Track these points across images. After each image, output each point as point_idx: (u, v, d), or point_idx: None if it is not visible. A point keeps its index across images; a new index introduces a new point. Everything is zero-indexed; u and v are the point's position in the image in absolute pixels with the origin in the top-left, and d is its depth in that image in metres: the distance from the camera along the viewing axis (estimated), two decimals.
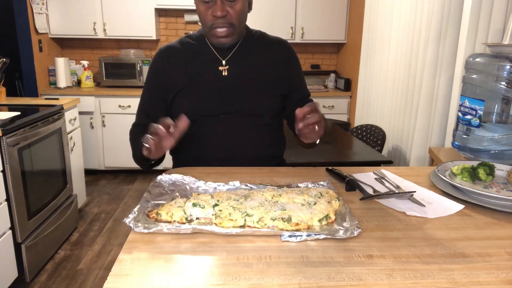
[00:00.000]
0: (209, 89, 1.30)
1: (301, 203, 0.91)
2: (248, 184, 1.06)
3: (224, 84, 1.30)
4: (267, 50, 1.38)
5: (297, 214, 0.85)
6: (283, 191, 0.98)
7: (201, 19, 1.24)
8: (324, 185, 1.07)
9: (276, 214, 0.85)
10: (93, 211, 3.29)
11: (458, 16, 2.19)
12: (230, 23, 1.22)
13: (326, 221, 0.86)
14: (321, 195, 0.95)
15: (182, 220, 0.85)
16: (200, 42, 1.34)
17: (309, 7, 4.12)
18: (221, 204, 0.89)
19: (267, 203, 0.90)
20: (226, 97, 1.30)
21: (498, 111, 1.40)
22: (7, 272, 2.13)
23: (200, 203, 0.88)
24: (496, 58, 1.39)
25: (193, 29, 4.40)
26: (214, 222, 0.84)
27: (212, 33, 1.24)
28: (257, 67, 1.34)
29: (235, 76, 1.31)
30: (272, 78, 1.35)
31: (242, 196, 0.94)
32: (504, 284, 0.67)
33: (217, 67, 1.31)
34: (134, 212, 0.86)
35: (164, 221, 0.85)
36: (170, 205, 0.89)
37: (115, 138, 3.96)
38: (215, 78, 1.31)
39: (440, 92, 2.34)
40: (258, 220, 0.84)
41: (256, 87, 1.33)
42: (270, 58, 1.37)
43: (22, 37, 3.64)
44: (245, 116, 1.32)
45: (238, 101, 1.31)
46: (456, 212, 0.95)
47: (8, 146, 2.09)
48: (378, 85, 3.32)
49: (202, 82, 1.30)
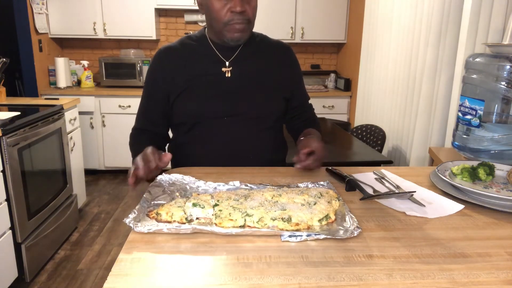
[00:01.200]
0: (212, 90, 1.29)
1: (301, 203, 0.91)
2: (248, 184, 1.06)
3: (227, 86, 1.29)
4: (269, 53, 1.37)
5: (297, 214, 0.85)
6: (283, 191, 0.98)
7: (214, 15, 1.21)
8: (324, 185, 1.07)
9: (276, 214, 0.85)
10: (93, 211, 3.29)
11: (458, 16, 2.19)
12: (247, 19, 1.21)
13: (326, 221, 0.86)
14: (321, 195, 0.95)
15: (182, 220, 0.85)
16: (202, 43, 1.32)
17: (309, 7, 4.12)
18: (221, 204, 0.89)
19: (267, 203, 0.90)
20: (230, 99, 1.29)
21: (498, 111, 1.40)
22: (7, 272, 2.13)
23: (200, 203, 0.88)
24: (496, 58, 1.39)
25: (193, 29, 4.40)
26: (214, 222, 0.84)
27: (229, 28, 1.21)
28: (261, 69, 1.33)
29: (239, 78, 1.30)
30: (275, 80, 1.34)
31: (242, 196, 0.94)
32: (504, 284, 0.67)
33: (220, 68, 1.30)
34: (134, 212, 0.86)
35: (164, 221, 0.85)
36: (170, 205, 0.89)
37: (115, 138, 3.96)
38: (218, 79, 1.29)
39: (440, 92, 2.34)
40: (258, 220, 0.84)
41: (260, 89, 1.31)
42: (273, 61, 1.36)
43: (22, 37, 3.64)
44: (249, 118, 1.30)
45: (242, 104, 1.29)
46: (456, 212, 0.95)
47: (8, 146, 2.09)
48: (378, 85, 3.32)
49: (205, 83, 1.29)
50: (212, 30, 1.29)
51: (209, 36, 1.32)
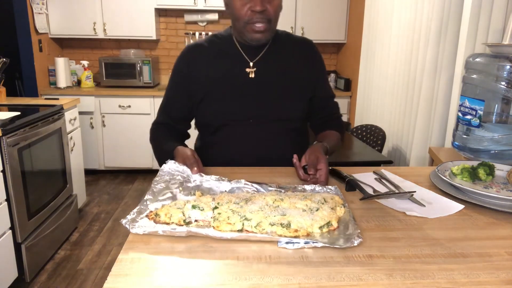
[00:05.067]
0: (235, 92, 1.26)
1: (303, 209, 0.88)
2: (254, 185, 1.03)
3: (251, 87, 1.26)
4: (294, 51, 1.34)
5: (297, 220, 0.82)
6: (286, 195, 0.95)
7: (235, 14, 1.20)
8: (332, 190, 1.03)
9: (275, 219, 0.83)
10: (93, 211, 3.29)
11: (458, 16, 2.19)
12: (268, 19, 1.19)
13: (328, 228, 0.82)
14: (325, 201, 0.92)
15: (180, 222, 0.84)
16: (227, 42, 1.30)
17: (309, 7, 4.12)
18: (221, 207, 0.88)
19: (267, 207, 0.88)
20: (254, 101, 1.26)
21: (498, 111, 1.40)
22: (7, 272, 2.13)
23: (199, 205, 0.87)
24: (496, 58, 1.39)
25: (193, 29, 4.40)
26: (212, 225, 0.83)
27: (248, 28, 1.20)
28: (285, 70, 1.30)
29: (263, 79, 1.27)
30: (300, 81, 1.31)
31: (243, 199, 0.92)
32: (504, 284, 0.67)
33: (244, 68, 1.27)
34: (133, 213, 0.86)
35: (162, 222, 0.84)
36: (170, 206, 0.88)
37: (115, 138, 3.96)
38: (242, 80, 1.27)
39: (440, 92, 2.34)
40: (256, 224, 0.81)
41: (285, 90, 1.29)
42: (297, 59, 1.33)
43: (22, 37, 3.64)
44: (274, 121, 1.27)
45: (266, 105, 1.27)
46: (456, 212, 0.95)
47: (8, 146, 2.09)
48: (378, 85, 3.32)
49: (229, 84, 1.26)
50: (235, 30, 1.27)
51: (234, 35, 1.30)
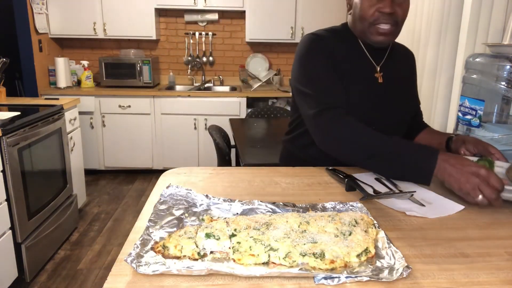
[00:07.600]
0: (366, 98, 1.21)
1: (334, 234, 0.76)
2: (268, 205, 0.91)
3: (379, 93, 1.22)
4: (404, 58, 1.33)
5: (331, 248, 0.71)
6: (310, 216, 0.82)
7: (360, 14, 1.16)
8: (356, 206, 0.91)
9: (306, 248, 0.70)
10: (93, 211, 3.29)
11: (458, 16, 2.19)
12: (395, 21, 1.16)
13: (366, 256, 0.71)
14: (356, 223, 0.80)
15: (194, 255, 0.71)
16: (351, 42, 1.24)
17: (309, 7, 4.12)
18: (239, 234, 0.74)
19: (293, 233, 0.75)
20: (381, 108, 1.21)
21: (498, 111, 1.40)
22: (7, 272, 2.13)
23: (214, 234, 0.74)
24: (496, 58, 1.39)
25: (193, 29, 4.40)
26: (231, 258, 0.70)
27: (373, 30, 1.16)
28: (403, 75, 1.28)
29: (389, 85, 1.23)
30: (412, 86, 1.31)
31: (264, 224, 0.78)
32: (504, 284, 0.67)
33: (373, 73, 1.23)
34: (136, 246, 0.71)
35: (172, 257, 0.71)
36: (179, 236, 0.74)
37: (115, 138, 3.96)
38: (372, 86, 1.22)
39: (440, 92, 2.34)
40: (285, 256, 0.69)
41: (405, 96, 1.27)
42: (407, 66, 1.33)
43: (22, 37, 3.64)
44: (393, 126, 1.22)
45: (392, 113, 1.23)
46: (456, 212, 0.95)
47: (8, 146, 2.10)
48: None
49: (359, 88, 1.21)
50: (355, 29, 1.23)
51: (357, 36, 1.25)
